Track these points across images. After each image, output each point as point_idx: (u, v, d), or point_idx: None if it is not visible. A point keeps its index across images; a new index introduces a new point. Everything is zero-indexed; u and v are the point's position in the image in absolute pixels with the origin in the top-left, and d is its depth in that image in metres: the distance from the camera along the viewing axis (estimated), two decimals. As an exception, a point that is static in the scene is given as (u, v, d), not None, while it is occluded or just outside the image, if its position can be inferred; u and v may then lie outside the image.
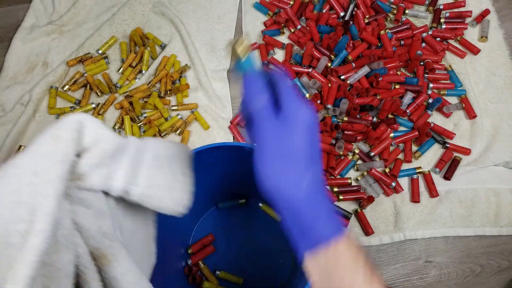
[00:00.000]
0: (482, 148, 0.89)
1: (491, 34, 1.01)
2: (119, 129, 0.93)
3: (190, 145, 0.92)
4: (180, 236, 0.78)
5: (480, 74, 0.97)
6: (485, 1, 1.06)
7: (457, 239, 0.82)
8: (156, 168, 0.44)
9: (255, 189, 0.82)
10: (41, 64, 1.03)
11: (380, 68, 0.91)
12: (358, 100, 0.89)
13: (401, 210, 0.83)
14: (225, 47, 1.03)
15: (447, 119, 0.92)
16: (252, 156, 0.36)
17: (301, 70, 0.96)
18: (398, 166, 0.85)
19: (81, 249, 0.36)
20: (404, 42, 0.98)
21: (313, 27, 0.99)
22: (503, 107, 0.93)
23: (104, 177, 0.38)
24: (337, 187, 0.84)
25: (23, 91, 0.98)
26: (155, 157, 0.44)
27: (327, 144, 0.85)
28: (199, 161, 0.65)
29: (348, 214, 0.82)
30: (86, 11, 1.10)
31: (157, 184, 0.43)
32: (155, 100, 0.94)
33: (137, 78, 1.00)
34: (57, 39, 1.06)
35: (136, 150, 0.42)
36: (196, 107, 0.96)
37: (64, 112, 0.95)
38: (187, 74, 1.00)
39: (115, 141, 0.38)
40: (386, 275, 0.80)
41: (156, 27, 1.07)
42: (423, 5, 1.06)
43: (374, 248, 0.82)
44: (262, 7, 1.07)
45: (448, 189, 0.85)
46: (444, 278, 0.79)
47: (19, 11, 1.11)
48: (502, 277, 0.79)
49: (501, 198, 0.84)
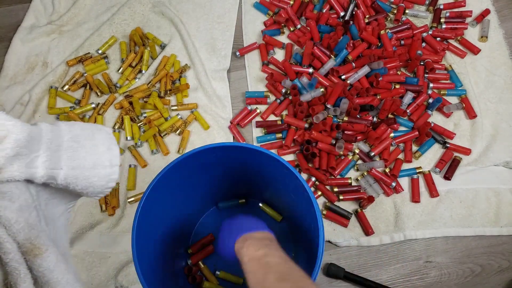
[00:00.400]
0: (482, 148, 0.89)
1: (491, 34, 1.01)
2: (119, 129, 0.93)
3: (190, 145, 0.92)
4: (180, 236, 0.78)
5: (480, 74, 0.97)
6: (485, 1, 1.06)
7: (457, 239, 0.82)
8: (77, 148, 0.43)
9: (255, 189, 0.83)
10: (41, 64, 1.03)
11: (380, 68, 0.91)
12: (358, 100, 0.89)
13: (401, 210, 0.83)
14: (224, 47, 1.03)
15: (447, 119, 0.92)
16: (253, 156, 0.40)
17: (301, 70, 0.96)
18: (398, 166, 0.85)
19: (9, 245, 0.36)
20: (404, 42, 0.98)
21: (313, 27, 0.99)
22: (503, 107, 0.93)
23: (24, 166, 0.38)
24: (337, 187, 0.84)
25: (23, 91, 0.98)
26: (73, 137, 0.44)
27: (327, 144, 0.85)
28: (199, 161, 0.65)
29: (348, 214, 0.82)
30: (86, 11, 1.10)
31: (81, 164, 0.43)
32: (155, 100, 0.94)
33: (137, 78, 1.00)
34: (57, 39, 1.06)
35: (52, 134, 0.42)
36: (196, 107, 0.96)
37: (64, 112, 0.94)
38: (187, 74, 1.00)
39: (26, 130, 0.38)
40: (386, 275, 0.80)
41: (156, 27, 1.07)
42: (423, 5, 1.06)
43: (374, 248, 0.81)
44: (262, 7, 1.07)
45: (448, 189, 0.85)
46: (444, 278, 0.79)
47: (19, 11, 1.11)
48: (502, 277, 0.79)
49: (501, 198, 0.84)
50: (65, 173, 0.41)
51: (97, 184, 0.44)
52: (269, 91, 0.97)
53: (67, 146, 0.42)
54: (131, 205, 0.86)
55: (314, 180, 0.86)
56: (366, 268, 0.80)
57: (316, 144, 0.86)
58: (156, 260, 0.64)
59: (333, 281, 0.79)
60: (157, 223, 0.66)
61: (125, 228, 0.83)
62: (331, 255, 0.81)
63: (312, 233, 0.60)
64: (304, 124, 0.89)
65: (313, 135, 0.85)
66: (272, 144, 0.91)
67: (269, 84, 0.96)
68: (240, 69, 1.02)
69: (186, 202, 0.74)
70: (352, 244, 0.82)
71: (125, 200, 0.86)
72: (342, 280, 0.78)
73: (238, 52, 1.02)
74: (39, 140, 0.40)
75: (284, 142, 0.89)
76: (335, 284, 0.79)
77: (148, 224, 0.60)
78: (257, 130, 0.93)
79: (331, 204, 0.83)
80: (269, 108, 0.93)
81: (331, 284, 0.79)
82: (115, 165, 0.46)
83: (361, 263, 0.80)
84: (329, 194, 0.84)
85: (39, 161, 0.39)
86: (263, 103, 0.95)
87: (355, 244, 0.82)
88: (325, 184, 0.85)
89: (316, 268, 0.54)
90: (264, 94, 0.96)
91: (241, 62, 1.02)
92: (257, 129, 0.93)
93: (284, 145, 0.89)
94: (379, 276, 0.79)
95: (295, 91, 0.91)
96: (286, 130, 0.91)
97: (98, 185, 0.45)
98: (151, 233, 0.63)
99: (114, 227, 0.84)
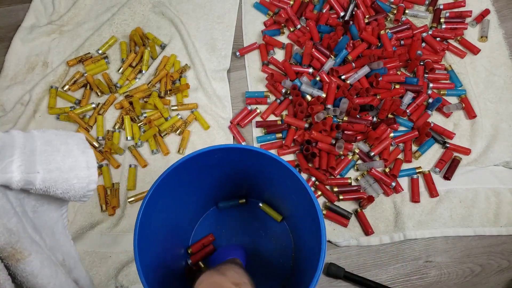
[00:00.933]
0: (482, 148, 0.89)
1: (491, 34, 1.01)
2: (119, 129, 0.93)
3: (190, 145, 0.92)
4: (180, 236, 0.79)
5: (480, 74, 0.97)
6: (485, 1, 1.06)
7: (457, 239, 0.82)
8: (52, 152, 0.43)
9: (255, 189, 0.83)
10: (41, 64, 1.03)
11: (380, 68, 0.91)
12: (358, 100, 0.89)
13: (401, 210, 0.83)
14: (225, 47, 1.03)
15: (447, 119, 0.92)
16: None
17: (301, 69, 0.96)
18: (398, 166, 0.85)
19: None
20: (404, 42, 0.98)
21: (313, 27, 0.99)
22: (503, 107, 0.93)
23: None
24: (337, 187, 0.84)
25: (23, 91, 0.98)
26: (47, 142, 0.44)
27: (327, 144, 0.85)
28: (200, 162, 0.65)
29: (348, 214, 0.82)
30: (86, 11, 1.10)
31: (57, 167, 0.43)
32: (155, 100, 0.94)
33: (137, 78, 1.00)
34: (57, 39, 1.06)
35: (24, 140, 0.42)
36: (196, 107, 0.96)
37: (64, 112, 0.95)
38: (187, 74, 1.00)
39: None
40: (386, 275, 0.80)
41: (156, 27, 1.07)
42: (423, 5, 1.06)
43: (374, 248, 0.82)
44: (262, 7, 1.07)
45: (448, 189, 0.85)
46: (444, 278, 0.79)
47: (19, 11, 1.11)
48: (502, 277, 0.79)
49: (501, 198, 0.84)
50: (42, 176, 0.41)
51: (77, 186, 0.44)
52: (269, 91, 0.97)
53: (41, 150, 0.42)
54: (131, 205, 0.86)
55: (314, 180, 0.86)
56: (366, 268, 0.80)
57: (316, 144, 0.86)
58: (156, 260, 0.64)
59: (333, 281, 0.79)
60: (158, 224, 0.66)
61: (125, 228, 0.84)
62: (331, 255, 0.81)
63: (312, 233, 0.60)
64: (304, 124, 0.89)
65: (313, 135, 0.85)
66: (272, 144, 0.91)
67: (269, 84, 0.96)
68: (240, 69, 1.02)
69: (187, 202, 0.74)
70: (352, 244, 0.82)
71: (125, 200, 0.86)
72: (342, 280, 0.79)
73: (238, 52, 1.02)
74: (12, 145, 0.40)
75: (284, 142, 0.89)
76: (335, 284, 0.79)
77: (149, 225, 0.61)
78: (257, 130, 0.93)
79: (331, 204, 0.83)
80: (269, 108, 0.94)
81: (331, 284, 0.79)
82: (93, 166, 0.46)
83: (361, 263, 0.81)
84: (329, 194, 0.84)
85: (13, 165, 0.39)
86: (263, 103, 0.95)
87: (355, 244, 0.82)
88: (325, 184, 0.85)
89: (318, 270, 0.54)
90: (264, 94, 0.96)
91: (241, 62, 1.02)
92: (257, 129, 0.93)
93: (284, 145, 0.89)
94: (379, 276, 0.79)
95: (295, 91, 0.91)
96: (286, 130, 0.91)
97: (78, 187, 0.45)
98: (152, 233, 0.63)
99: (114, 227, 0.84)
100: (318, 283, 0.79)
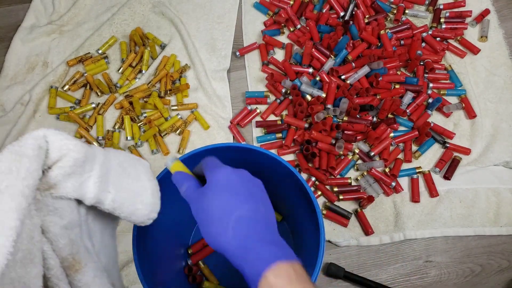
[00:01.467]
0: (482, 148, 0.89)
1: (491, 34, 1.01)
2: (119, 129, 0.93)
3: (190, 144, 0.92)
4: (180, 236, 0.79)
5: (480, 74, 0.97)
6: (485, 1, 1.06)
7: (457, 239, 0.82)
8: (123, 174, 0.44)
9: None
10: (41, 64, 1.03)
11: (380, 68, 0.91)
12: (358, 100, 0.89)
13: (401, 210, 0.83)
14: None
15: (447, 119, 0.92)
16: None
17: (301, 70, 0.96)
18: (398, 166, 0.85)
19: (53, 261, 0.37)
20: (404, 42, 0.98)
21: (313, 27, 0.99)
22: (503, 107, 0.93)
23: (78, 185, 0.39)
24: (337, 187, 0.84)
25: (23, 91, 0.98)
26: (120, 163, 0.45)
27: (327, 144, 0.85)
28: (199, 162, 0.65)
29: (348, 214, 0.82)
30: (86, 11, 1.10)
31: (126, 189, 0.44)
32: (155, 100, 0.94)
33: (137, 78, 1.00)
34: (57, 39, 1.06)
35: (104, 157, 0.42)
36: (196, 107, 0.96)
37: (64, 112, 0.95)
38: (187, 74, 1.00)
39: (83, 150, 0.39)
40: (386, 275, 0.80)
41: (156, 27, 1.07)
42: (423, 5, 1.06)
43: (374, 248, 0.82)
44: (262, 7, 1.07)
45: (448, 189, 0.85)
46: (444, 278, 0.79)
47: (19, 11, 1.11)
48: (502, 277, 0.79)
49: (501, 198, 0.84)
50: (112, 197, 0.42)
51: (140, 213, 0.45)
52: (269, 91, 0.97)
53: (115, 170, 0.43)
54: (131, 205, 0.86)
55: (314, 180, 0.86)
56: (366, 267, 0.80)
57: (316, 144, 0.86)
58: (156, 260, 0.64)
59: (333, 281, 0.79)
60: (157, 223, 0.65)
61: (125, 228, 0.84)
62: (331, 254, 0.81)
63: (312, 233, 0.60)
64: (304, 124, 0.89)
65: (313, 135, 0.85)
66: (272, 144, 0.91)
67: (269, 84, 0.96)
68: (240, 69, 1.02)
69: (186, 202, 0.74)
70: (352, 244, 0.82)
71: (125, 200, 0.86)
72: (342, 279, 0.79)
73: (238, 52, 1.02)
74: (93, 160, 0.41)
75: (284, 142, 0.89)
76: (335, 284, 0.79)
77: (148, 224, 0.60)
78: (257, 130, 0.93)
79: (331, 204, 0.83)
80: (269, 108, 0.94)
81: (331, 284, 0.79)
82: (157, 196, 0.48)
83: (361, 262, 0.81)
84: (329, 194, 0.84)
85: (91, 181, 0.40)
86: (263, 103, 0.95)
87: (355, 244, 0.82)
88: (325, 184, 0.85)
89: (316, 269, 0.54)
90: (264, 94, 0.96)
91: (241, 62, 1.02)
92: (257, 129, 0.93)
93: (284, 145, 0.89)
94: (379, 276, 0.79)
95: (295, 91, 0.91)
96: (286, 130, 0.91)
97: (141, 214, 0.46)
98: (151, 233, 0.63)
99: (114, 227, 0.84)
100: (318, 283, 0.79)
